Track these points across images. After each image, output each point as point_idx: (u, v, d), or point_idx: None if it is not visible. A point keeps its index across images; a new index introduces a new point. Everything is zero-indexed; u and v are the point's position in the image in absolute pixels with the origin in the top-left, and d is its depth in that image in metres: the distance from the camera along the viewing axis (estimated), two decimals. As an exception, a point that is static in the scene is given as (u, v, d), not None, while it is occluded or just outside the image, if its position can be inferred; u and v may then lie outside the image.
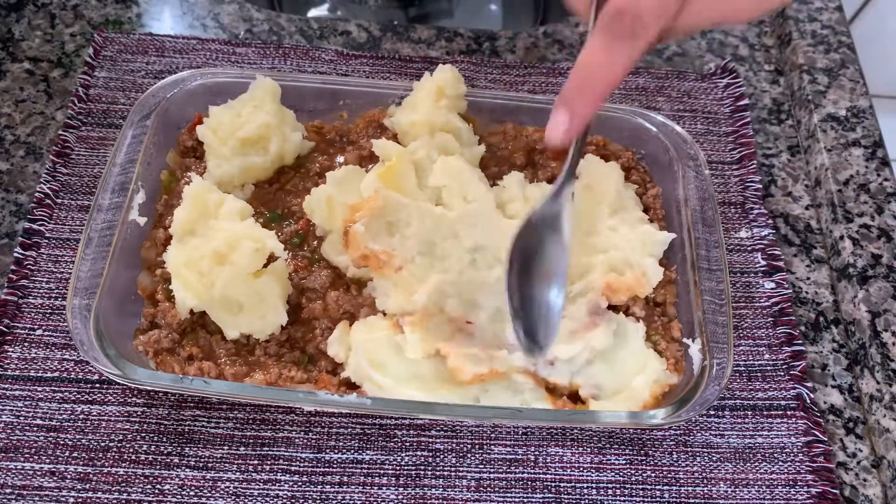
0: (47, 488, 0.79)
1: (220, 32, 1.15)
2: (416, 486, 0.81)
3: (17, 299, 0.88)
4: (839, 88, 1.12)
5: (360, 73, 1.10)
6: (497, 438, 0.85)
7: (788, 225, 1.03)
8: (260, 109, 0.93)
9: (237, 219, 0.84)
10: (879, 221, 0.99)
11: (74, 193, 0.97)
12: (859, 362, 0.91)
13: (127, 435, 0.82)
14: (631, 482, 0.83)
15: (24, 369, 0.85)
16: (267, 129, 0.92)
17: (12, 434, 0.81)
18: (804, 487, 0.83)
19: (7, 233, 0.94)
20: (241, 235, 0.81)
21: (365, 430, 0.84)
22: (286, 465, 0.82)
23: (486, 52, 1.16)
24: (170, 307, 0.83)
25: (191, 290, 0.80)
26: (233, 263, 0.80)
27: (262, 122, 0.92)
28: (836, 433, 0.88)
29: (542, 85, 1.11)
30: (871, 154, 1.05)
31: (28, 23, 1.12)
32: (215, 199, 0.85)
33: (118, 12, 1.15)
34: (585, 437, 0.85)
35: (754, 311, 0.94)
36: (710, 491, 0.83)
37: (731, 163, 1.07)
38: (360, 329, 0.82)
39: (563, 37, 1.19)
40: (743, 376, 0.90)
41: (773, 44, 1.21)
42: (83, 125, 1.02)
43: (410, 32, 1.17)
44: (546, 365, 0.82)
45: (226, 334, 0.83)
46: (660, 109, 1.10)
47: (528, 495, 0.82)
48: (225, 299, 0.81)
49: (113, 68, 1.08)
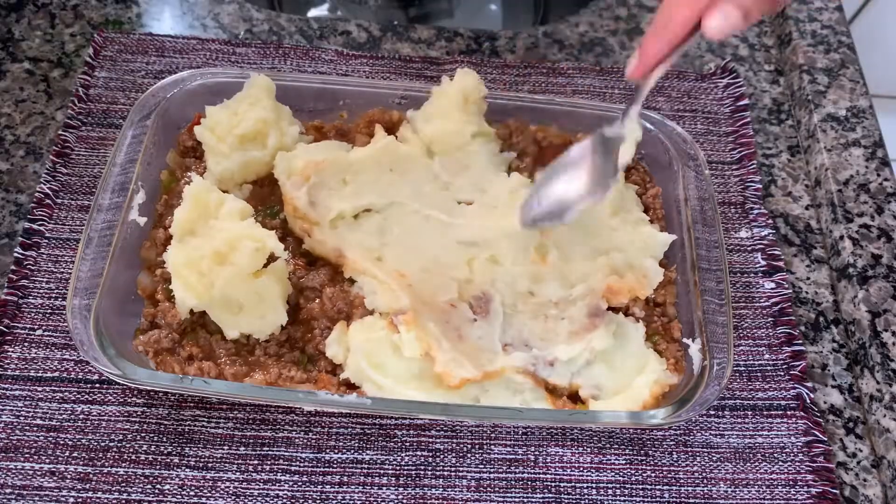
0: (47, 488, 0.79)
1: (220, 32, 1.15)
2: (416, 485, 0.81)
3: (17, 299, 0.88)
4: (839, 88, 1.12)
5: (360, 73, 1.10)
6: (497, 438, 0.85)
7: (788, 225, 1.03)
8: (256, 105, 0.93)
9: (237, 219, 0.84)
10: (879, 221, 0.99)
11: (74, 193, 0.97)
12: (859, 362, 0.91)
13: (127, 435, 0.82)
14: (631, 482, 0.83)
15: (24, 369, 0.85)
16: (264, 125, 0.92)
17: (12, 434, 0.81)
18: (804, 487, 0.83)
19: (7, 233, 0.94)
20: (241, 235, 0.81)
21: (365, 430, 0.84)
22: (286, 465, 0.82)
23: (486, 52, 1.16)
24: (170, 307, 0.83)
25: (191, 290, 0.80)
26: (233, 263, 0.80)
27: (259, 118, 0.92)
28: (836, 433, 0.88)
29: (542, 85, 1.11)
30: (871, 154, 1.06)
31: (28, 23, 1.12)
32: (215, 199, 0.85)
33: (118, 12, 1.15)
34: (585, 437, 0.85)
35: (754, 311, 0.94)
36: (710, 491, 0.83)
37: (731, 163, 1.07)
38: (357, 329, 0.82)
39: (563, 37, 1.19)
40: (743, 376, 0.90)
41: (773, 44, 1.21)
42: (83, 125, 1.02)
43: (410, 32, 1.17)
44: (546, 366, 0.82)
45: (226, 334, 0.83)
46: (660, 109, 1.10)
47: (528, 495, 0.82)
48: (225, 299, 0.81)
49: (113, 68, 1.08)
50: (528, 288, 0.86)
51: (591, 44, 1.18)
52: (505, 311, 0.85)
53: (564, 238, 0.90)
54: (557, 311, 0.85)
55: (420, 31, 1.17)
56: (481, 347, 0.82)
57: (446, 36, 1.17)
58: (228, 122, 0.92)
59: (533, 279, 0.87)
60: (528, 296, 0.86)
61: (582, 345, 0.82)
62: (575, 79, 1.12)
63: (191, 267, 0.81)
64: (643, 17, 1.22)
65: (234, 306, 0.82)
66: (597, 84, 1.12)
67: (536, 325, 0.84)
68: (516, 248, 0.88)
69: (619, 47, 1.18)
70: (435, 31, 1.17)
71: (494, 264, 0.87)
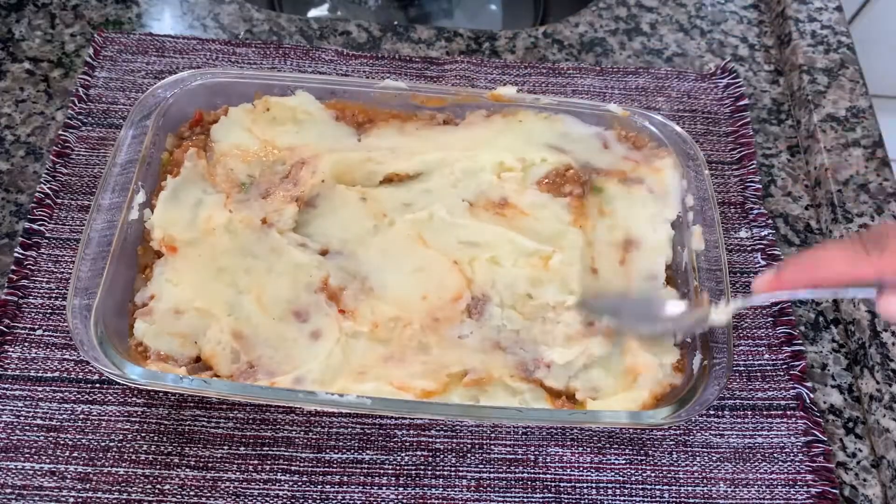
0: (47, 488, 0.79)
1: (220, 32, 1.15)
2: (416, 485, 0.81)
3: (17, 299, 0.88)
4: (839, 88, 1.12)
5: (360, 73, 1.10)
6: (497, 438, 0.85)
7: (788, 225, 1.03)
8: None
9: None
10: (879, 221, 0.99)
11: (74, 193, 0.97)
12: (859, 362, 0.91)
13: (127, 435, 0.82)
14: (631, 482, 0.83)
15: (24, 369, 0.85)
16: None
17: (12, 434, 0.81)
18: (804, 487, 0.83)
19: (7, 233, 0.94)
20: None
21: (365, 430, 0.84)
22: (286, 465, 0.82)
23: (486, 52, 1.16)
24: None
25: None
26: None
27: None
28: (836, 433, 0.88)
29: (542, 85, 1.11)
30: (870, 154, 1.06)
31: (28, 23, 1.12)
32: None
33: (118, 12, 1.15)
34: (585, 437, 0.85)
35: (754, 311, 0.94)
36: (710, 491, 0.83)
37: (731, 163, 1.07)
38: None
39: (563, 37, 1.19)
40: (743, 376, 0.90)
41: (772, 44, 1.21)
42: (83, 125, 1.02)
43: (410, 32, 1.17)
44: (541, 368, 0.82)
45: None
46: (660, 109, 1.10)
47: (528, 495, 0.82)
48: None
49: (113, 68, 1.08)
50: (527, 290, 0.86)
51: (590, 44, 1.18)
52: (503, 312, 0.85)
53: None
54: (555, 314, 0.85)
55: (420, 31, 1.17)
56: (473, 349, 0.82)
57: (446, 36, 1.17)
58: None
59: (532, 282, 0.87)
60: (527, 298, 0.86)
61: (579, 349, 0.82)
62: (575, 79, 1.12)
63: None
64: (643, 16, 1.22)
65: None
66: (597, 84, 1.12)
67: (534, 328, 0.84)
68: (517, 251, 0.88)
69: (619, 47, 1.18)
70: (435, 31, 1.17)
71: (495, 265, 0.87)
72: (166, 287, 0.82)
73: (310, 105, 0.96)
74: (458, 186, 0.92)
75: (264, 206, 0.88)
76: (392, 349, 0.81)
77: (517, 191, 0.92)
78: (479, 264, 0.87)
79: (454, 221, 0.89)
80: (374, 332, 0.82)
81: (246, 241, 0.85)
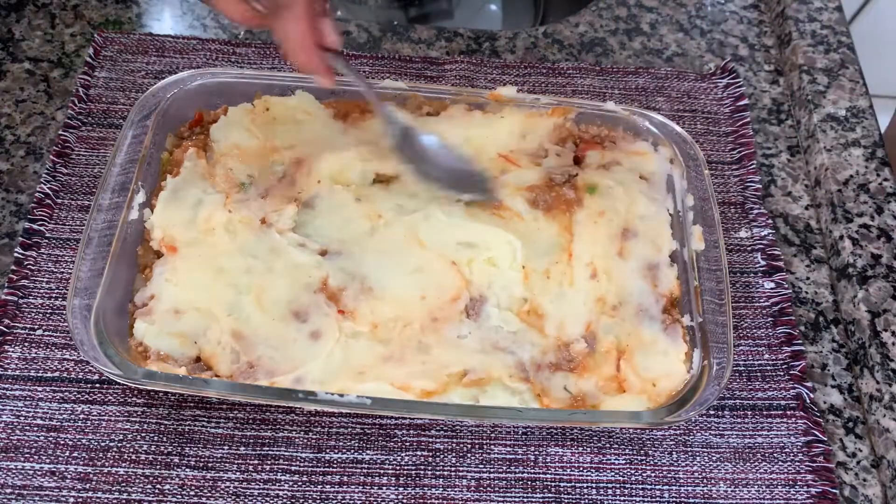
0: (47, 488, 0.79)
1: (220, 32, 1.15)
2: (416, 485, 0.81)
3: (17, 299, 0.88)
4: (839, 88, 1.12)
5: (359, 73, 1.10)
6: (497, 438, 0.85)
7: (788, 225, 1.03)
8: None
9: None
10: (879, 221, 0.99)
11: (74, 193, 0.97)
12: (859, 362, 0.91)
13: (127, 435, 0.82)
14: (631, 482, 0.83)
15: (24, 369, 0.85)
16: None
17: (12, 434, 0.81)
18: (804, 487, 0.83)
19: (7, 233, 0.94)
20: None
21: (365, 430, 0.84)
22: (286, 465, 0.82)
23: (486, 52, 1.16)
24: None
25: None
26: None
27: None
28: (836, 433, 0.88)
29: (542, 85, 1.11)
30: (870, 154, 1.06)
31: (28, 23, 1.12)
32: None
33: (118, 12, 1.15)
34: (585, 437, 0.85)
35: (754, 311, 0.94)
36: (710, 491, 0.83)
37: (731, 163, 1.07)
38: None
39: (563, 37, 1.19)
40: (743, 376, 0.90)
41: (772, 44, 1.21)
42: (83, 125, 1.02)
43: (410, 32, 1.17)
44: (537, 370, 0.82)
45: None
46: (660, 109, 1.10)
47: (528, 495, 0.82)
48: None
49: (113, 68, 1.08)
50: (523, 294, 0.86)
51: (590, 44, 1.18)
52: (500, 314, 0.85)
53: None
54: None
55: (420, 31, 1.17)
56: (473, 349, 0.82)
57: (446, 36, 1.17)
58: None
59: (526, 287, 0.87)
60: (522, 301, 0.86)
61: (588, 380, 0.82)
62: (575, 79, 1.12)
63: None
64: (643, 16, 1.22)
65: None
66: (596, 84, 1.12)
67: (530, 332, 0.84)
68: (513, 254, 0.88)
69: (619, 47, 1.18)
70: (435, 31, 1.17)
71: (492, 267, 0.87)
72: (166, 287, 0.82)
73: (310, 105, 0.96)
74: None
75: (264, 207, 0.88)
76: (392, 349, 0.81)
77: (510, 195, 0.92)
78: (476, 265, 0.87)
79: (450, 222, 0.89)
80: (374, 333, 0.82)
81: (246, 241, 0.85)
